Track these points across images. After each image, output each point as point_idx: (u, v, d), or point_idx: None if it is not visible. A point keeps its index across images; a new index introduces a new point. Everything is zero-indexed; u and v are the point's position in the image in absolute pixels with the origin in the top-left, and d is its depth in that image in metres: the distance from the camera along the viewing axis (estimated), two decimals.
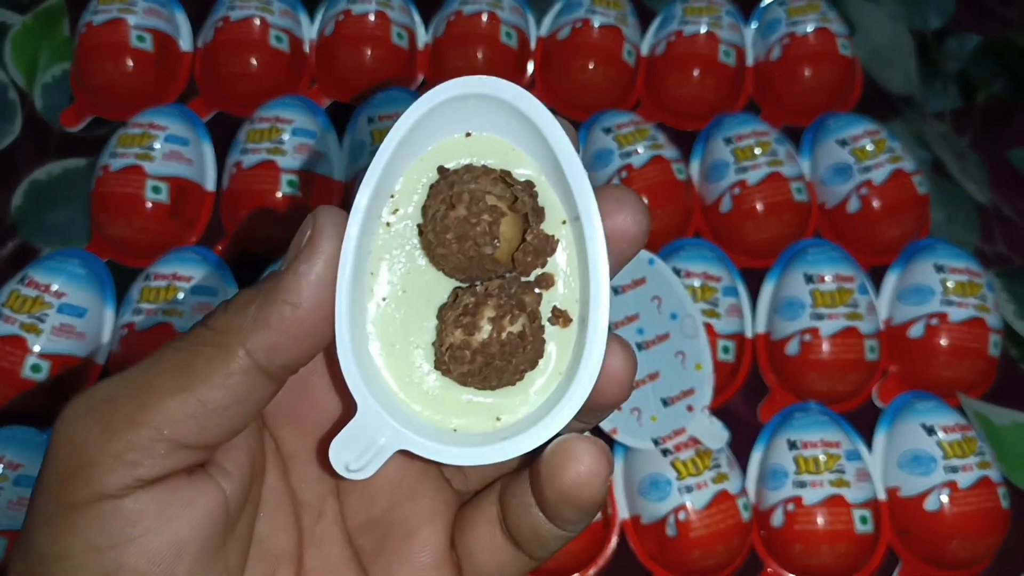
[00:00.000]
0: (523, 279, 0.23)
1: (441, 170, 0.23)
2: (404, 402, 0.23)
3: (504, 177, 0.23)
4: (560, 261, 0.23)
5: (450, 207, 0.22)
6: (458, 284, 0.23)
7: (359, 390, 0.22)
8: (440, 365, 0.22)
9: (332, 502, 0.25)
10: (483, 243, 0.22)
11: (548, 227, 0.23)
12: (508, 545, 0.24)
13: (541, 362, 0.23)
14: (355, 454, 0.22)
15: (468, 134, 0.23)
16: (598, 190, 0.22)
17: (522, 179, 0.23)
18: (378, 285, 0.23)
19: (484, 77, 0.22)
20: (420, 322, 0.23)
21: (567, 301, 0.23)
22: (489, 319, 0.22)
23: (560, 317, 0.23)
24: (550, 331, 0.23)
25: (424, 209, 0.23)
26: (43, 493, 0.20)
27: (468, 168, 0.23)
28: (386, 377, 0.23)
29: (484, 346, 0.22)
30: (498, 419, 0.23)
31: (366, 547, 0.25)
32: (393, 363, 0.23)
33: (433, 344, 0.23)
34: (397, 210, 0.23)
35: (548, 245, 0.22)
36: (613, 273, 0.22)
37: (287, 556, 0.24)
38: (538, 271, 0.23)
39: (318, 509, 0.25)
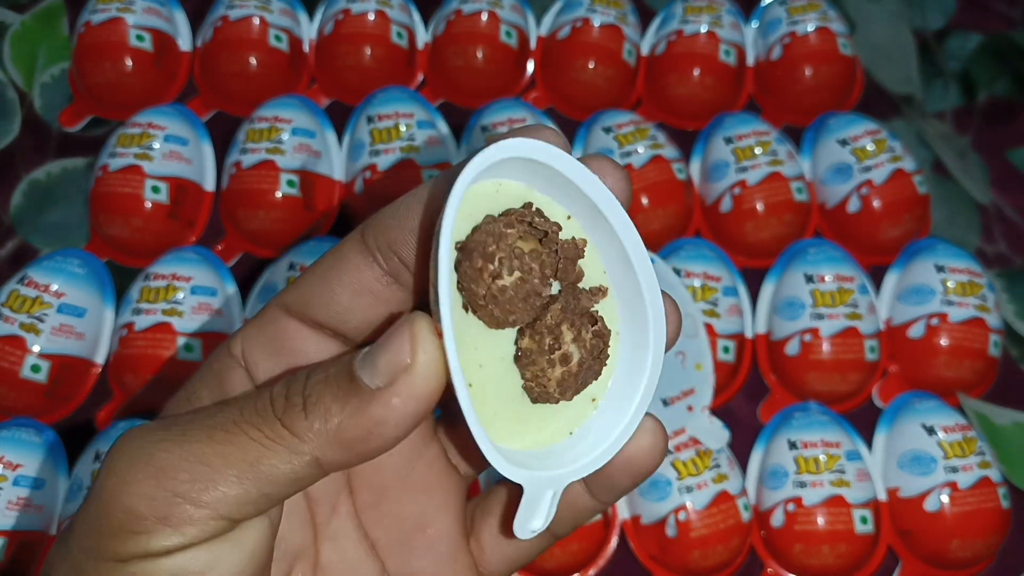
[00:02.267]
0: (568, 287, 0.23)
1: (459, 248, 0.22)
2: (521, 452, 0.24)
3: (518, 217, 0.22)
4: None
5: (497, 277, 0.22)
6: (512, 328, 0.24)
7: (519, 475, 0.22)
8: (547, 398, 0.23)
9: (345, 498, 0.26)
10: (543, 289, 0.23)
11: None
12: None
13: None
14: (537, 518, 0.23)
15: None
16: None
17: (520, 204, 0.23)
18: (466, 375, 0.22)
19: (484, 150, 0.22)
20: (504, 384, 0.23)
21: (594, 274, 0.24)
22: (572, 341, 0.23)
23: (599, 292, 0.24)
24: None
25: (465, 284, 0.22)
26: (91, 538, 0.21)
27: (490, 222, 0.22)
28: (504, 445, 0.23)
29: (581, 363, 0.23)
30: (593, 400, 0.24)
31: (381, 540, 0.25)
32: (500, 433, 0.23)
33: (523, 387, 0.23)
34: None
35: (577, 250, 0.23)
36: None
37: (303, 553, 0.25)
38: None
39: (331, 504, 0.25)
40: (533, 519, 0.23)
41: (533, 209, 0.23)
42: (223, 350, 0.24)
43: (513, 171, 0.22)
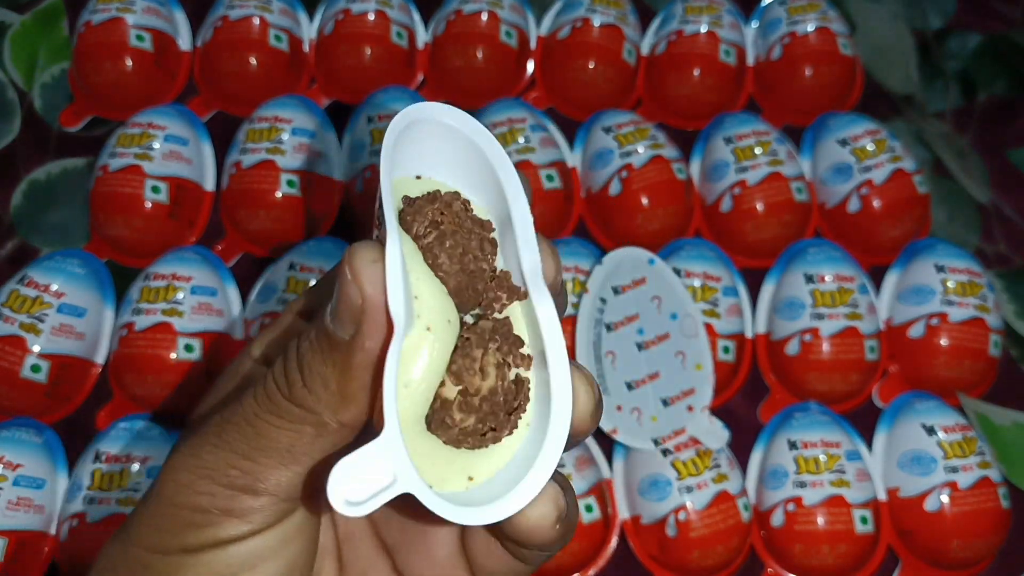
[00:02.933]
0: (504, 320, 0.22)
1: (407, 200, 0.22)
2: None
3: (463, 204, 0.23)
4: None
5: (436, 225, 0.22)
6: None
7: (391, 415, 0.19)
8: (438, 420, 0.21)
9: None
10: (480, 256, 0.22)
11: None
12: (504, 552, 0.25)
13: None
14: (361, 486, 0.19)
15: (418, 177, 0.23)
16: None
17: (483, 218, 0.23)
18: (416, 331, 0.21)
19: (431, 104, 0.22)
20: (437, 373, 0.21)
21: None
22: (495, 365, 0.21)
23: (523, 360, 0.22)
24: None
25: (407, 227, 0.22)
26: (157, 536, 0.22)
27: (434, 195, 0.22)
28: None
29: (492, 393, 0.21)
30: (470, 479, 0.21)
31: (389, 540, 0.26)
32: (404, 407, 0.21)
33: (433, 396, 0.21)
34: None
35: (516, 294, 0.22)
36: None
37: (329, 552, 0.26)
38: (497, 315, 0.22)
39: None
40: (355, 483, 0.19)
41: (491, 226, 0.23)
42: (244, 355, 0.26)
43: (486, 197, 0.22)
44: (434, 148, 0.22)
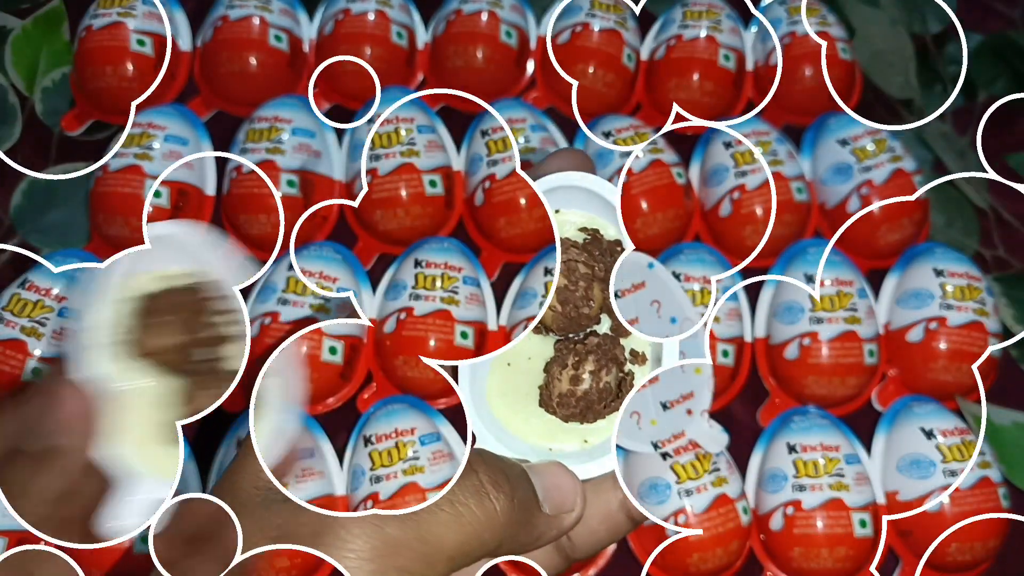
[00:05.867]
0: (610, 336, 0.28)
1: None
2: (514, 433, 0.28)
3: (588, 247, 0.28)
4: None
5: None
6: (557, 338, 0.28)
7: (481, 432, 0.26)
8: (546, 405, 0.28)
9: None
10: (581, 305, 0.27)
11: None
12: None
13: None
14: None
15: (557, 211, 0.28)
16: None
17: (611, 239, 0.28)
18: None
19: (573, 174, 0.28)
20: (529, 376, 0.28)
21: (640, 343, 0.29)
22: (590, 372, 0.27)
23: (637, 357, 0.29)
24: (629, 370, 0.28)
25: None
26: None
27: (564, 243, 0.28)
28: (499, 417, 0.28)
29: (586, 394, 0.27)
30: (585, 441, 0.28)
31: None
32: (504, 409, 0.28)
33: (539, 388, 0.28)
34: None
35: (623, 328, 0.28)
36: None
37: None
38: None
39: None
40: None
41: (618, 248, 0.28)
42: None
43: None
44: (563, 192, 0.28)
